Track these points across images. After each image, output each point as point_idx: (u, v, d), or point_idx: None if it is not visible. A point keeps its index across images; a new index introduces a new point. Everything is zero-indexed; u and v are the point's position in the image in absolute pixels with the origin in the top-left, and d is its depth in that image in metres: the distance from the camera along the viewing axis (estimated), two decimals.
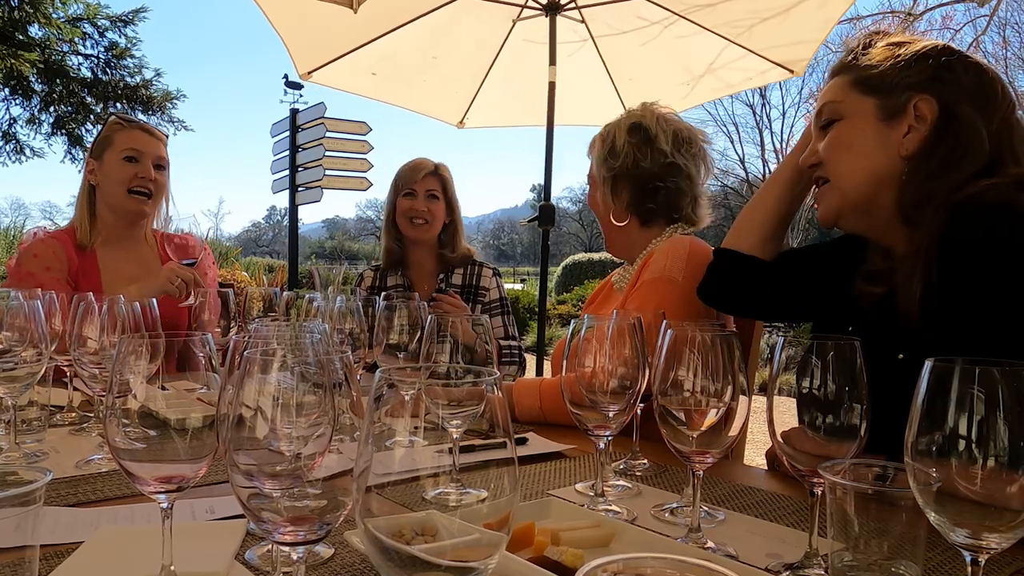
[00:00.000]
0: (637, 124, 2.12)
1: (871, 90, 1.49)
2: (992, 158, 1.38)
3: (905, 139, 1.45)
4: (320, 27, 4.27)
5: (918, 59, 1.46)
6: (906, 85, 1.45)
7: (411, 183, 3.01)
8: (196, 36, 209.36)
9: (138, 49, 14.87)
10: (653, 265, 2.00)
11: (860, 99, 1.50)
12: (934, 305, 1.29)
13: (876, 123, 1.48)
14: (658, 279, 1.95)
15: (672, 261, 1.96)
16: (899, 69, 1.47)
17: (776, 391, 1.01)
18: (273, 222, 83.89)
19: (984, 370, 0.72)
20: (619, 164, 2.11)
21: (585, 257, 22.44)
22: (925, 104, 1.43)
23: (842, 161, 1.52)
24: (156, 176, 2.68)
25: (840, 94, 1.53)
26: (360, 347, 1.66)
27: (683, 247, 1.99)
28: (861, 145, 1.49)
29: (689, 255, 1.97)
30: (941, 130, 1.42)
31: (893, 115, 1.46)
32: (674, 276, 1.94)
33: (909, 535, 0.82)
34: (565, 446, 1.64)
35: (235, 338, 1.90)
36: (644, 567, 0.55)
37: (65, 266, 2.61)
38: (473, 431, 1.25)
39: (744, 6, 4.15)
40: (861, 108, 1.50)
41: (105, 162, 2.67)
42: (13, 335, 1.43)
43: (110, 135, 2.69)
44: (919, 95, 1.44)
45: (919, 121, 1.44)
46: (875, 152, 1.48)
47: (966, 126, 1.40)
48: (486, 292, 3.06)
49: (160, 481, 0.87)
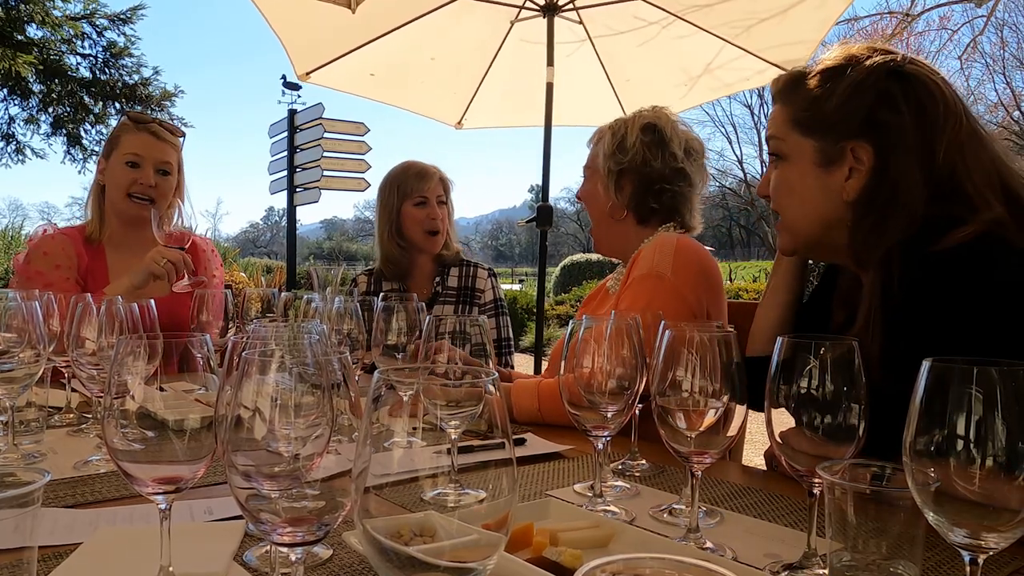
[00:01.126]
0: (651, 125, 2.13)
1: (809, 131, 1.45)
2: (936, 192, 1.34)
3: (847, 184, 1.42)
4: (318, 28, 4.27)
5: (853, 94, 1.40)
6: (841, 130, 1.41)
7: (422, 191, 2.92)
8: (194, 36, 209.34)
9: (136, 48, 14.85)
10: (641, 262, 2.01)
11: (799, 140, 1.47)
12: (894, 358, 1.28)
13: (815, 168, 1.45)
14: (646, 275, 1.96)
15: (660, 257, 1.97)
16: (835, 108, 1.42)
17: (775, 393, 1.01)
18: (271, 223, 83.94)
19: (982, 370, 0.72)
20: (628, 160, 2.11)
21: (583, 258, 22.45)
22: (862, 150, 1.40)
23: (789, 205, 1.52)
24: (158, 181, 2.65)
25: (781, 130, 1.50)
26: (358, 348, 1.66)
27: (670, 243, 2.01)
28: (803, 190, 1.48)
29: (677, 250, 1.98)
30: (879, 179, 1.39)
31: (831, 161, 1.43)
32: (662, 272, 1.94)
33: (908, 535, 0.82)
34: (563, 447, 1.64)
35: (233, 339, 1.89)
36: (643, 567, 0.55)
37: (75, 264, 2.61)
38: (471, 431, 1.25)
39: (742, 7, 4.16)
40: (800, 150, 1.47)
41: (111, 163, 2.67)
42: (11, 336, 1.43)
43: (119, 135, 2.68)
44: (854, 141, 1.40)
45: (859, 164, 1.41)
46: (818, 197, 1.46)
47: (901, 179, 1.36)
48: (481, 294, 3.05)
49: (158, 482, 0.87)
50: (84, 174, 15.55)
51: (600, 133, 2.22)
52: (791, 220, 1.52)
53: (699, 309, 1.94)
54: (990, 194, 1.33)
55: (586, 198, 2.27)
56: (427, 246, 2.97)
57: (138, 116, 2.72)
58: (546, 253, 4.57)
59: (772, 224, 27.57)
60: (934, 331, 1.25)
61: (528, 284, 23.04)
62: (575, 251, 40.42)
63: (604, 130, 2.20)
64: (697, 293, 1.95)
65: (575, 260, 22.50)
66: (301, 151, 10.56)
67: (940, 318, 1.25)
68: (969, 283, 1.24)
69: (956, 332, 1.22)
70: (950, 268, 1.26)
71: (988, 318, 1.21)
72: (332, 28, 4.24)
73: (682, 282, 1.90)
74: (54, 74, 14.06)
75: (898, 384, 0.99)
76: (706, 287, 1.99)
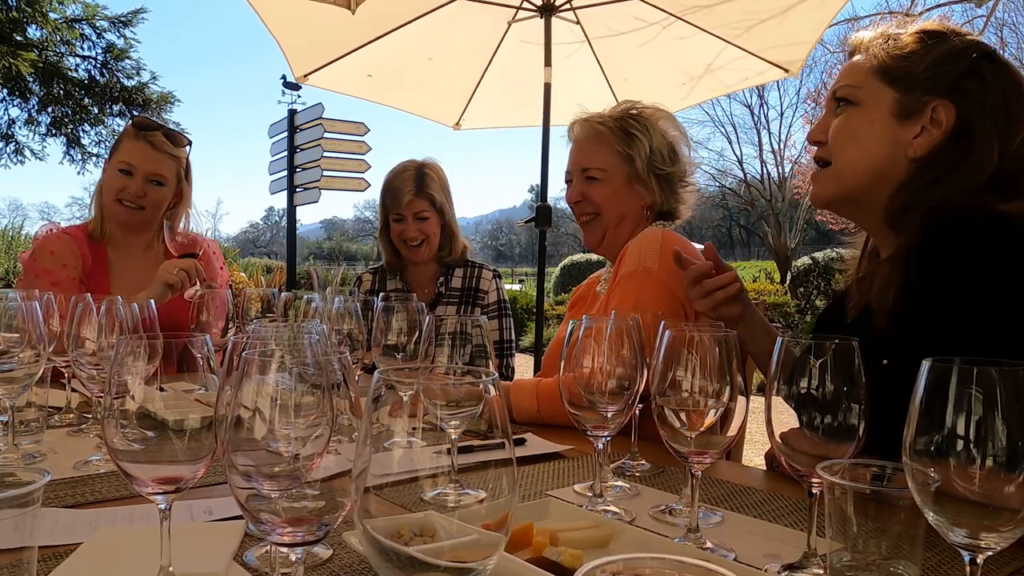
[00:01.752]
0: (664, 125, 2.16)
1: (893, 81, 1.44)
2: (1002, 176, 1.35)
3: (915, 141, 1.41)
4: (316, 30, 4.27)
5: (948, 59, 1.41)
6: (929, 86, 1.41)
7: (398, 207, 2.92)
8: (194, 37, 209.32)
9: (136, 51, 14.84)
10: (628, 259, 2.01)
11: (880, 88, 1.45)
12: (903, 311, 1.27)
13: (890, 118, 1.44)
14: (634, 272, 1.96)
15: (646, 252, 1.98)
16: (926, 66, 1.42)
17: (775, 392, 1.01)
18: (271, 223, 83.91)
19: (982, 370, 0.72)
20: (660, 161, 2.13)
21: (583, 258, 22.44)
22: (944, 110, 1.39)
23: (846, 150, 1.49)
24: (148, 191, 2.66)
25: (861, 78, 1.48)
26: (358, 348, 1.66)
27: (655, 237, 2.02)
28: (869, 138, 1.46)
29: (663, 244, 1.98)
30: (953, 140, 1.39)
31: (909, 114, 1.42)
32: (649, 266, 1.95)
33: (908, 535, 0.82)
34: (563, 447, 1.64)
35: (233, 339, 1.89)
36: (643, 567, 0.55)
37: (80, 263, 2.64)
38: (471, 431, 1.25)
39: (741, 7, 4.16)
40: (879, 98, 1.45)
41: (108, 166, 2.71)
42: (11, 336, 1.43)
43: (120, 141, 2.70)
44: (939, 100, 1.40)
45: (934, 125, 1.40)
46: (882, 148, 1.44)
47: (979, 141, 1.37)
48: (485, 295, 3.05)
49: (158, 482, 0.87)
50: (83, 175, 15.58)
51: (613, 133, 2.14)
52: (844, 164, 1.49)
53: (687, 301, 1.94)
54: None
55: (608, 198, 2.17)
56: (412, 256, 2.99)
57: (143, 122, 2.72)
58: (546, 253, 4.57)
59: (771, 224, 27.66)
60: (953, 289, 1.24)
61: (528, 284, 23.05)
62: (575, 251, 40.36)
63: (615, 131, 2.14)
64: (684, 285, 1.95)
65: (575, 260, 22.50)
66: (301, 151, 10.55)
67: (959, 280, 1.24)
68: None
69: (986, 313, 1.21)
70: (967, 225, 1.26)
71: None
72: (329, 30, 4.24)
73: (669, 275, 1.91)
74: (53, 75, 14.05)
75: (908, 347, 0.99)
76: None
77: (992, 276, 1.22)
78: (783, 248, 26.72)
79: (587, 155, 2.18)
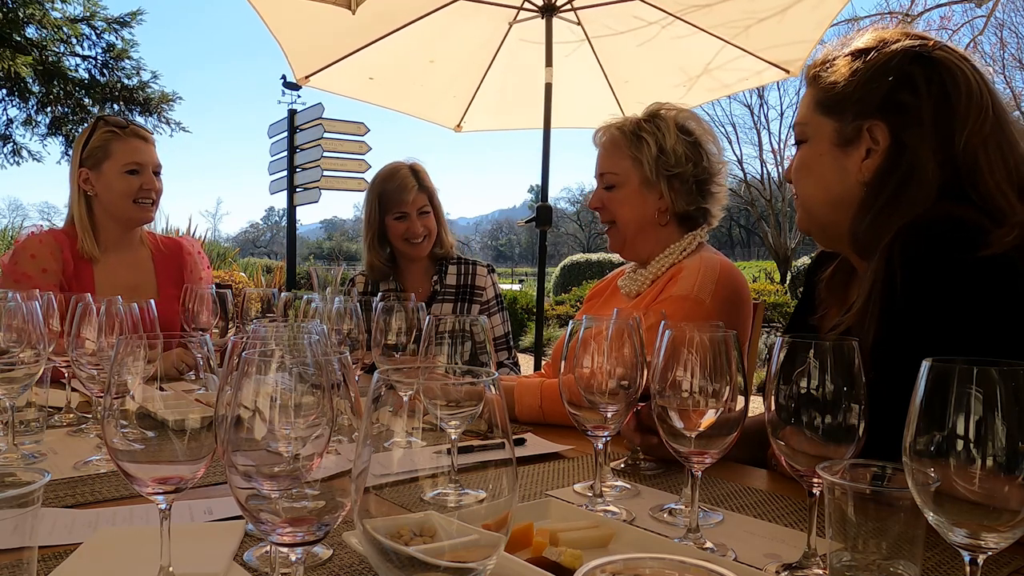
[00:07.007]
0: (684, 126, 2.11)
1: (829, 111, 1.46)
2: (959, 177, 1.33)
3: (864, 164, 1.42)
4: (317, 32, 4.27)
5: (874, 76, 1.40)
6: (858, 109, 1.41)
7: (401, 205, 2.91)
8: (194, 37, 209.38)
9: (136, 51, 14.82)
10: (683, 282, 1.99)
11: (821, 121, 1.48)
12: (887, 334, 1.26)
13: (832, 148, 1.46)
14: (686, 297, 1.95)
15: (703, 282, 1.97)
16: (854, 88, 1.42)
17: (774, 394, 1.01)
18: (271, 223, 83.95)
19: (982, 370, 0.72)
20: (674, 162, 2.08)
21: (583, 258, 22.48)
22: (878, 130, 1.40)
23: (805, 184, 1.53)
24: (155, 184, 2.71)
25: (806, 114, 1.52)
26: (358, 348, 1.66)
27: (714, 269, 2.01)
28: (820, 170, 1.49)
29: (719, 278, 1.98)
30: (894, 159, 1.38)
31: (848, 141, 1.44)
32: (703, 298, 1.94)
33: (907, 535, 0.82)
34: (563, 447, 1.64)
35: (233, 339, 1.89)
36: (643, 567, 0.55)
37: (60, 268, 2.60)
38: (471, 431, 1.25)
39: (740, 7, 4.16)
40: (821, 131, 1.48)
41: (105, 173, 2.65)
42: (11, 336, 1.43)
43: (105, 145, 2.65)
44: (872, 120, 1.40)
45: (876, 144, 1.41)
46: (833, 178, 1.47)
47: (914, 155, 1.36)
48: (482, 291, 3.06)
49: (158, 482, 0.87)
50: None
51: (626, 137, 2.12)
52: (806, 199, 1.54)
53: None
54: (1011, 192, 1.31)
55: (622, 204, 2.14)
56: (413, 253, 2.99)
57: (119, 121, 2.71)
58: (546, 253, 4.57)
59: (771, 224, 27.64)
60: (955, 334, 1.22)
61: (528, 284, 23.06)
62: (575, 251, 40.41)
63: (628, 135, 2.11)
64: (730, 321, 1.94)
65: (575, 260, 22.52)
66: (301, 151, 10.56)
67: (971, 323, 1.21)
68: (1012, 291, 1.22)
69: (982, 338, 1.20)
70: (996, 274, 1.22)
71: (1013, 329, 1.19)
72: (330, 31, 4.24)
73: (718, 310, 1.91)
74: (53, 75, 14.04)
75: (888, 377, 0.99)
76: (738, 316, 2.02)
77: (977, 284, 1.21)
78: (783, 248, 26.73)
79: (603, 161, 2.18)
